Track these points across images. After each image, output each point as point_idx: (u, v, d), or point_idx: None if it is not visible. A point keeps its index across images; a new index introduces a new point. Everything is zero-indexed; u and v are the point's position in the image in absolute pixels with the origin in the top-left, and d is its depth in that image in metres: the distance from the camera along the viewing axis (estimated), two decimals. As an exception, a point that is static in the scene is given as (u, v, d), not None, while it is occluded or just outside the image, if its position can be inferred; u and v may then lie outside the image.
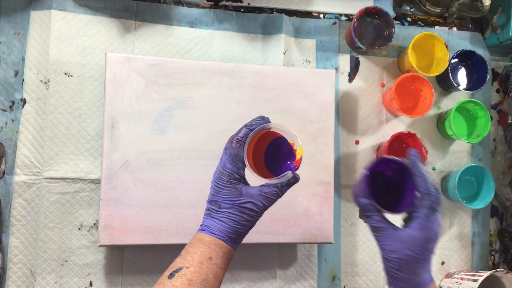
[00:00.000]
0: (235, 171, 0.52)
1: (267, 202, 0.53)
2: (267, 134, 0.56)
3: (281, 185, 0.53)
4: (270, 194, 0.52)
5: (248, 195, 0.52)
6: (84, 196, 0.76)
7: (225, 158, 0.53)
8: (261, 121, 0.54)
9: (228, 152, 0.53)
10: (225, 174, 0.52)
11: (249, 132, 0.53)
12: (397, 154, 0.85)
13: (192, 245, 0.51)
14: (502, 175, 0.91)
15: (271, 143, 0.57)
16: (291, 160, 0.56)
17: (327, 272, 0.83)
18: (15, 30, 0.77)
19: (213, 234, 0.51)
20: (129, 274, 0.76)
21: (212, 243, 0.51)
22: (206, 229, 0.52)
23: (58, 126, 0.76)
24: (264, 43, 0.84)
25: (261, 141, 0.56)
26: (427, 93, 0.83)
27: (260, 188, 0.53)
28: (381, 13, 0.84)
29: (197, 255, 0.50)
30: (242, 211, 0.52)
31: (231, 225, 0.51)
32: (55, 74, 0.76)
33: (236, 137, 0.53)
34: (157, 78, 0.73)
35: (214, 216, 0.52)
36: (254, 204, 0.52)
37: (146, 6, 0.81)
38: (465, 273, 0.82)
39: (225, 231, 0.51)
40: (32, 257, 0.74)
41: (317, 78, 0.78)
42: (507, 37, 0.88)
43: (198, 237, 0.52)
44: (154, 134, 0.73)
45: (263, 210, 0.53)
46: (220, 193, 0.52)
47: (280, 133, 0.56)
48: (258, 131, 0.54)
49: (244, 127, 0.54)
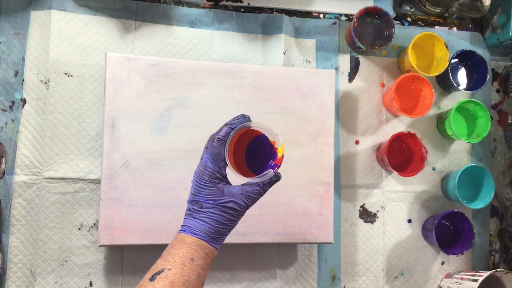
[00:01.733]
0: (216, 171, 0.52)
1: (249, 201, 0.52)
2: (248, 132, 0.56)
3: (263, 184, 0.53)
4: (252, 193, 0.52)
5: (230, 194, 0.51)
6: (84, 196, 0.76)
7: (206, 157, 0.52)
8: (242, 120, 0.54)
9: (209, 151, 0.52)
10: (206, 174, 0.52)
11: (230, 131, 0.52)
12: (397, 154, 0.86)
13: (174, 246, 0.51)
14: (502, 175, 0.91)
15: (252, 141, 0.57)
16: (273, 158, 0.55)
17: (327, 272, 0.83)
18: (15, 30, 0.77)
19: (194, 234, 0.51)
20: (129, 274, 0.76)
21: (194, 244, 0.50)
22: (188, 229, 0.51)
23: (58, 126, 0.76)
24: (264, 43, 0.84)
25: (242, 139, 0.56)
26: (427, 93, 0.83)
27: (242, 187, 0.52)
28: (381, 13, 0.84)
29: (179, 256, 0.49)
30: (224, 211, 0.51)
31: (213, 225, 0.51)
32: (55, 74, 0.76)
33: (217, 136, 0.52)
34: (157, 78, 0.73)
35: (196, 216, 0.52)
36: (236, 203, 0.51)
37: (146, 6, 0.81)
38: (465, 273, 0.82)
39: (207, 231, 0.51)
40: (32, 257, 0.74)
41: (317, 78, 0.78)
42: (507, 37, 0.88)
43: (179, 238, 0.51)
44: (154, 134, 0.73)
45: (245, 209, 0.53)
46: (201, 193, 0.52)
47: (261, 131, 0.56)
48: (239, 129, 0.53)
49: (225, 126, 0.53)
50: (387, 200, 0.86)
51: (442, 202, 0.88)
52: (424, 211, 0.87)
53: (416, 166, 0.83)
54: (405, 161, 0.86)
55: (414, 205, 0.87)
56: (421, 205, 0.87)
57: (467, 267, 0.88)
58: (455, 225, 0.86)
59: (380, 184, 0.86)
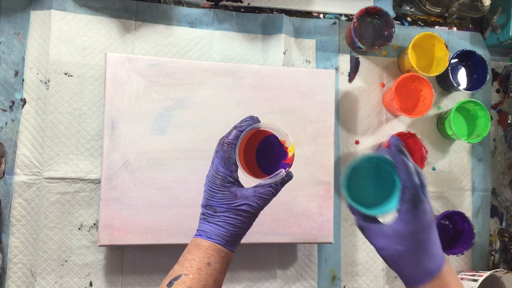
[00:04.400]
0: (228, 174, 0.52)
1: (262, 202, 0.52)
2: (257, 133, 0.56)
3: (275, 184, 0.53)
4: (265, 194, 0.52)
5: (243, 197, 0.51)
6: (84, 196, 0.76)
7: (217, 162, 0.52)
8: (251, 122, 0.54)
9: (219, 156, 0.52)
10: (219, 178, 0.52)
11: (240, 134, 0.52)
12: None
13: (190, 251, 0.51)
14: (502, 175, 0.91)
15: (262, 142, 0.57)
16: (283, 158, 0.55)
17: (327, 272, 0.83)
18: (15, 30, 0.77)
19: (210, 239, 0.51)
20: (129, 274, 0.76)
21: (210, 248, 0.50)
22: (203, 234, 0.51)
23: (58, 126, 0.76)
24: (264, 43, 0.84)
25: (251, 141, 0.56)
26: (427, 93, 0.83)
27: (255, 189, 0.52)
28: (381, 13, 0.84)
29: (195, 261, 0.50)
30: (238, 214, 0.51)
31: (228, 228, 0.51)
32: (55, 74, 0.76)
33: (226, 139, 0.52)
34: (157, 78, 0.73)
35: (210, 221, 0.52)
36: (250, 205, 0.51)
37: (146, 6, 0.81)
38: (465, 273, 0.82)
39: (222, 235, 0.51)
40: (32, 257, 0.74)
41: (317, 78, 0.78)
42: (507, 37, 0.88)
43: (195, 243, 0.51)
44: (154, 134, 0.73)
45: (259, 211, 0.53)
46: (214, 197, 0.52)
47: (270, 132, 0.55)
48: (249, 131, 0.53)
49: (234, 129, 0.53)
50: (387, 200, 0.86)
51: (442, 202, 0.88)
52: (424, 211, 0.87)
53: (416, 166, 0.83)
54: (405, 161, 0.86)
55: (414, 205, 0.87)
56: (421, 205, 0.87)
57: (467, 267, 0.88)
58: (455, 225, 0.86)
59: (380, 184, 0.86)
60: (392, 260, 0.50)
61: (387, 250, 0.50)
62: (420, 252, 0.49)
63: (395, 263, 0.50)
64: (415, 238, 0.49)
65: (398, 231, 0.49)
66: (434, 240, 0.49)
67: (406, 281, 0.51)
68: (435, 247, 0.49)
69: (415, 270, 0.50)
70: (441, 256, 0.49)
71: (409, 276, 0.50)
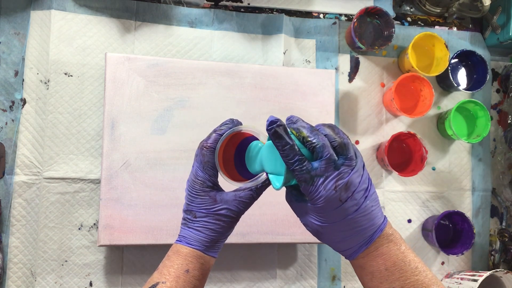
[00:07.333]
0: (207, 179, 0.51)
1: (243, 207, 0.51)
2: (238, 136, 0.54)
3: (256, 188, 0.51)
4: (245, 198, 0.51)
5: (222, 201, 0.50)
6: (84, 196, 0.76)
7: (196, 166, 0.51)
8: (231, 125, 0.52)
9: (198, 160, 0.51)
10: (197, 183, 0.51)
11: (219, 137, 0.51)
12: (397, 154, 0.85)
13: (169, 257, 0.50)
14: (502, 175, 0.91)
15: (241, 144, 0.54)
16: None
17: (327, 272, 0.83)
18: (15, 30, 0.77)
19: (189, 245, 0.50)
20: (129, 274, 0.76)
21: (189, 255, 0.49)
22: (183, 239, 0.51)
23: (58, 126, 0.76)
24: (264, 43, 0.84)
25: (232, 143, 0.54)
26: (427, 93, 0.83)
27: (235, 193, 0.51)
28: (381, 13, 0.84)
29: (174, 268, 0.49)
30: (217, 219, 0.50)
31: (208, 234, 0.50)
32: (55, 74, 0.76)
33: (205, 143, 0.51)
34: (157, 78, 0.73)
35: (190, 226, 0.51)
36: (230, 210, 0.50)
37: (146, 6, 0.81)
38: (465, 273, 0.82)
39: (202, 240, 0.50)
40: (32, 257, 0.74)
41: (317, 78, 0.78)
42: (507, 37, 0.88)
43: (175, 249, 0.50)
44: (154, 134, 0.73)
45: (240, 215, 0.51)
46: (194, 202, 0.51)
47: (251, 134, 0.53)
48: (228, 135, 0.52)
49: (214, 132, 0.52)
50: (387, 200, 0.86)
51: (442, 202, 0.88)
52: (424, 211, 0.87)
53: (416, 166, 0.83)
54: (405, 161, 0.86)
55: (414, 205, 0.87)
56: (421, 205, 0.87)
57: (467, 267, 0.88)
58: (455, 225, 0.86)
59: (380, 184, 0.86)
60: (318, 236, 0.47)
61: (308, 226, 0.48)
62: (342, 224, 0.44)
63: (320, 237, 0.47)
64: (324, 213, 0.44)
65: (307, 208, 0.46)
66: (360, 205, 0.43)
67: (343, 255, 0.48)
68: (365, 215, 0.43)
69: (344, 242, 0.45)
70: (375, 224, 0.44)
71: (341, 250, 0.47)
